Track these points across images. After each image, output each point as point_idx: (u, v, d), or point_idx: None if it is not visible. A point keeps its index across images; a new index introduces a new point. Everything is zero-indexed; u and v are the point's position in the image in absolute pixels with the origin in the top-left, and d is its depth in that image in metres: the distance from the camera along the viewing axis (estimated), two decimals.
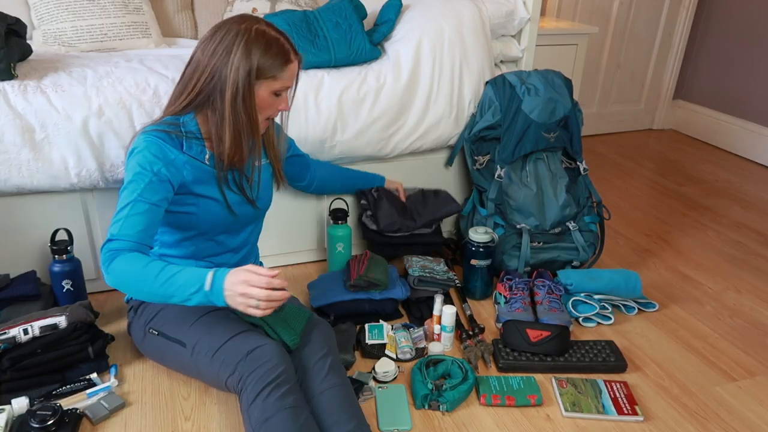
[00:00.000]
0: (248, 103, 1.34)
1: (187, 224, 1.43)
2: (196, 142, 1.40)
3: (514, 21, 2.10)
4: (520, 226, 1.98)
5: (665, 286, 2.05)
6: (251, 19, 1.34)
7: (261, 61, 1.31)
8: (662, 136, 3.62)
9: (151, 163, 1.31)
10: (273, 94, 1.37)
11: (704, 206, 2.67)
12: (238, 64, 1.30)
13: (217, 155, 1.39)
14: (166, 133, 1.36)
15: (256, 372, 1.23)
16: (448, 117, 1.98)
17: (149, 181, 1.30)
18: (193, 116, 1.40)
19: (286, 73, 1.36)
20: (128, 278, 1.23)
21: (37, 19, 2.00)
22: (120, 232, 1.26)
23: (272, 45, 1.32)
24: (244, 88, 1.32)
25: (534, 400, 1.48)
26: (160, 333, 1.42)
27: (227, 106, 1.33)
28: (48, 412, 1.31)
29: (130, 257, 1.23)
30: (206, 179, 1.41)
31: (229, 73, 1.31)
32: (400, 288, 1.79)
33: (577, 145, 2.06)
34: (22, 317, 1.46)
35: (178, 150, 1.36)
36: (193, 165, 1.39)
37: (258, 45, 1.31)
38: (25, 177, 1.60)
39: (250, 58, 1.30)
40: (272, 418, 1.18)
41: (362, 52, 1.91)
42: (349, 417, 1.25)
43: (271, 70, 1.33)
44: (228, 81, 1.31)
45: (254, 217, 1.54)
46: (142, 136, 1.35)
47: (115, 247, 1.25)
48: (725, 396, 1.55)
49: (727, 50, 3.34)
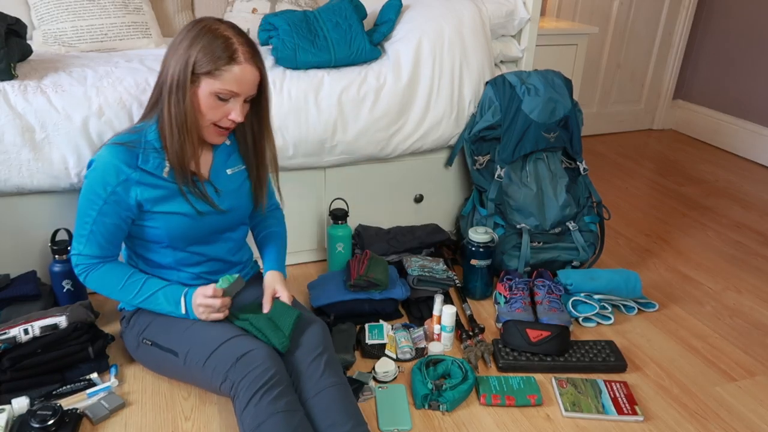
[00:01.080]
0: (183, 96, 1.28)
1: (153, 237, 1.41)
2: (154, 154, 1.35)
3: (514, 21, 2.10)
4: (520, 226, 1.98)
5: (665, 286, 2.05)
6: (210, 20, 1.31)
7: (200, 54, 1.26)
8: (662, 136, 3.62)
9: (105, 184, 1.31)
10: (216, 97, 1.30)
11: (704, 206, 2.67)
12: (179, 57, 1.28)
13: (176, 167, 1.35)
14: (124, 146, 1.33)
15: (246, 377, 1.23)
16: (448, 117, 1.98)
17: (104, 203, 1.33)
18: (156, 122, 1.36)
19: (229, 74, 1.28)
20: (108, 291, 1.41)
21: (37, 19, 2.00)
22: (86, 250, 1.37)
23: (217, 40, 1.27)
24: (179, 80, 1.28)
25: (534, 400, 1.48)
26: (153, 343, 1.42)
27: (166, 100, 1.30)
28: (48, 412, 1.31)
29: (103, 271, 1.39)
30: (164, 196, 1.36)
31: (170, 66, 1.29)
32: (400, 288, 1.79)
33: (577, 145, 2.06)
34: (23, 317, 1.46)
35: (132, 168, 1.32)
36: (148, 183, 1.34)
37: (202, 40, 1.27)
38: (25, 177, 1.60)
39: (190, 50, 1.27)
40: (265, 423, 1.17)
41: (362, 52, 1.91)
42: (346, 418, 1.24)
43: (208, 65, 1.26)
44: (169, 73, 1.29)
45: (227, 226, 1.48)
46: (102, 149, 1.33)
47: (84, 262, 1.39)
48: (725, 396, 1.55)
49: (727, 50, 3.34)
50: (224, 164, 1.47)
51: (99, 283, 1.40)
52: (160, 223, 1.38)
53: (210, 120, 1.33)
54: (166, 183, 1.36)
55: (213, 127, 1.35)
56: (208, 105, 1.31)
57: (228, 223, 1.48)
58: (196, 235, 1.43)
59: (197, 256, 1.46)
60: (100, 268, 1.39)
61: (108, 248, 1.39)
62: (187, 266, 1.46)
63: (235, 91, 1.30)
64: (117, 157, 1.32)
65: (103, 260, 1.40)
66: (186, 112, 1.30)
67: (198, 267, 1.47)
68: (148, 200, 1.35)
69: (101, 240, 1.37)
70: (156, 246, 1.43)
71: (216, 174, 1.45)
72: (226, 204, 1.45)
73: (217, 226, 1.46)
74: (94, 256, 1.38)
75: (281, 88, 1.79)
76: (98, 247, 1.37)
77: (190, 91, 1.29)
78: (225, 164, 1.47)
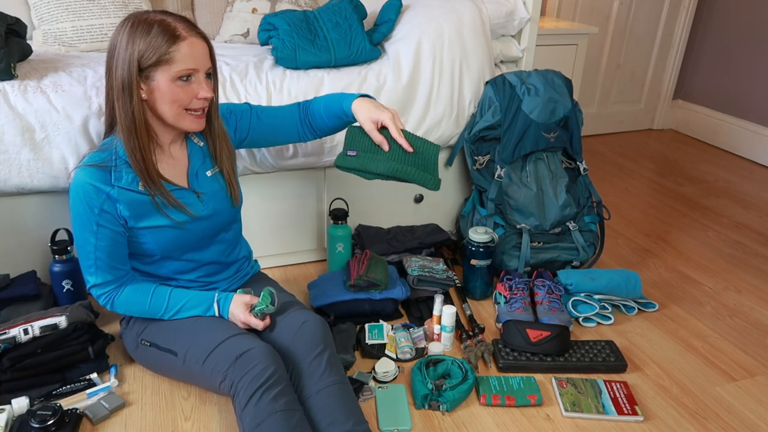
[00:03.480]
0: (131, 96, 1.24)
1: (144, 251, 1.39)
2: (126, 168, 1.31)
3: (514, 21, 2.10)
4: (520, 226, 1.98)
5: (665, 286, 2.05)
6: (138, 12, 1.27)
7: (141, 46, 1.22)
8: (662, 136, 3.62)
9: (90, 207, 1.28)
10: (177, 79, 1.26)
11: (704, 206, 2.67)
12: (121, 59, 1.23)
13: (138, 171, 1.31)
14: (95, 167, 1.29)
15: (246, 376, 1.23)
16: (448, 117, 1.98)
17: (98, 225, 1.30)
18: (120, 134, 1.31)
19: (179, 53, 1.23)
20: (138, 312, 1.40)
21: (37, 19, 2.00)
22: (99, 278, 1.36)
23: (153, 26, 1.22)
24: (124, 80, 1.24)
25: (534, 400, 1.48)
26: (152, 344, 1.42)
27: (119, 110, 1.27)
28: (48, 412, 1.31)
29: (126, 295, 1.38)
30: (146, 211, 1.34)
31: (115, 72, 1.25)
32: (400, 288, 1.79)
33: (577, 145, 2.06)
34: (22, 317, 1.46)
35: (108, 185, 1.29)
36: (126, 199, 1.31)
37: (138, 32, 1.22)
38: (25, 177, 1.60)
39: (130, 47, 1.22)
40: (264, 422, 1.17)
41: (362, 52, 1.91)
42: (347, 416, 1.24)
43: (155, 54, 1.22)
44: (115, 78, 1.25)
45: (218, 228, 1.46)
46: (76, 173, 1.29)
47: (103, 291, 1.37)
48: (725, 396, 1.55)
49: (727, 50, 3.34)
50: (202, 166, 1.43)
51: (127, 308, 1.39)
52: (148, 238, 1.36)
53: (181, 106, 1.29)
54: (143, 197, 1.33)
55: (186, 113, 1.31)
56: (173, 92, 1.27)
57: (217, 226, 1.46)
58: (187, 244, 1.41)
59: (192, 263, 1.45)
60: (122, 292, 1.38)
61: (119, 268, 1.36)
62: (182, 274, 1.46)
63: (193, 67, 1.26)
64: (91, 177, 1.28)
65: (120, 282, 1.38)
66: (134, 111, 1.26)
67: (193, 273, 1.47)
68: (131, 217, 1.32)
69: (110, 262, 1.34)
70: (149, 260, 1.42)
71: (195, 178, 1.41)
72: (209, 209, 1.42)
73: (206, 231, 1.44)
74: (109, 282, 1.36)
75: (281, 88, 1.79)
76: (109, 270, 1.35)
77: (138, 90, 1.26)
78: (203, 166, 1.43)
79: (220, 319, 1.40)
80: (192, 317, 1.40)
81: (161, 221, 1.35)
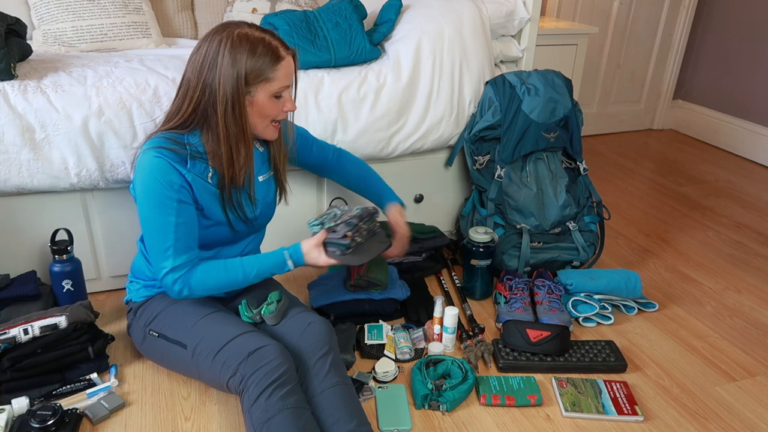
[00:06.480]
0: (240, 112, 1.31)
1: None
2: (200, 160, 1.36)
3: (514, 21, 2.10)
4: (520, 226, 1.98)
5: (665, 286, 2.05)
6: (232, 25, 1.31)
7: (249, 65, 1.27)
8: (662, 136, 3.62)
9: (170, 183, 1.29)
10: (273, 96, 1.34)
11: (704, 206, 2.67)
12: (226, 75, 1.27)
13: (220, 173, 1.37)
14: (171, 151, 1.32)
15: (258, 372, 1.24)
16: (448, 117, 1.98)
17: (178, 202, 1.31)
18: (199, 135, 1.36)
19: (280, 72, 1.31)
20: (215, 286, 1.37)
21: (37, 19, 2.00)
22: (178, 260, 1.33)
23: (257, 46, 1.28)
24: (233, 98, 1.29)
25: (534, 400, 1.48)
26: (161, 335, 1.42)
27: (220, 120, 1.30)
28: (48, 412, 1.31)
29: (201, 272, 1.35)
30: (209, 199, 1.38)
31: (218, 86, 1.28)
32: (400, 288, 1.79)
33: (577, 145, 2.06)
34: (22, 317, 1.46)
35: (184, 168, 1.33)
36: (198, 186, 1.35)
37: (242, 49, 1.27)
38: (25, 177, 1.60)
39: (237, 64, 1.27)
40: (274, 418, 1.18)
41: (362, 52, 1.91)
42: (350, 416, 1.25)
43: (262, 73, 1.29)
44: (218, 94, 1.29)
45: (253, 231, 1.53)
46: (149, 154, 1.30)
47: (181, 274, 1.33)
48: (725, 396, 1.55)
49: (727, 50, 3.34)
50: (258, 172, 1.48)
51: (204, 285, 1.36)
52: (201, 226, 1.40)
53: (271, 119, 1.38)
54: (212, 188, 1.38)
55: (271, 124, 1.40)
56: (268, 107, 1.34)
57: (255, 228, 1.52)
58: (227, 239, 1.46)
59: (213, 251, 1.47)
60: (196, 272, 1.35)
61: (195, 248, 1.36)
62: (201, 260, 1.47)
63: (287, 85, 1.35)
64: (168, 158, 1.31)
65: (193, 264, 1.36)
66: (244, 126, 1.33)
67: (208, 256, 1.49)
68: (200, 200, 1.36)
69: (188, 241, 1.34)
70: None
71: (251, 183, 1.46)
72: (257, 210, 1.49)
73: (248, 230, 1.50)
74: (185, 264, 1.34)
75: None
76: (186, 251, 1.34)
77: (245, 105, 1.32)
78: (259, 172, 1.48)
79: (233, 315, 1.42)
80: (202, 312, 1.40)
81: (218, 215, 1.40)
